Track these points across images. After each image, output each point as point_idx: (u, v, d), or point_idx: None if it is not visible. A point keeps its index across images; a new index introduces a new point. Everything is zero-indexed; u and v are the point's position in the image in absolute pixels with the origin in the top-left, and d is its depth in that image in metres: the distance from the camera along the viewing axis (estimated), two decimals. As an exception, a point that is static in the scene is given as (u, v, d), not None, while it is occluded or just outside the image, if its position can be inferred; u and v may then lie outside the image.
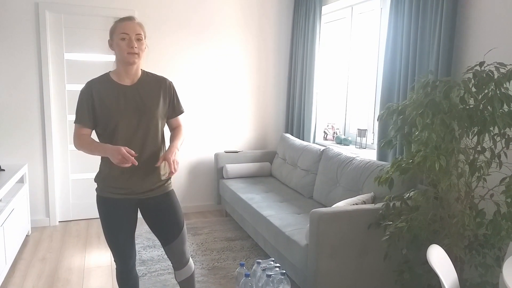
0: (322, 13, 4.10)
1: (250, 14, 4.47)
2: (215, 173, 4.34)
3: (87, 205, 4.20)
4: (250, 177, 4.23)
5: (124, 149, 1.79)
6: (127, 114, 1.91)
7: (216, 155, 4.29)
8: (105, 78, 1.97)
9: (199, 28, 4.29)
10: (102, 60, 4.08)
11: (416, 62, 2.80)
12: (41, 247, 3.50)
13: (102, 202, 1.99)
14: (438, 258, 1.69)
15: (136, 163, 1.80)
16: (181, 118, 2.16)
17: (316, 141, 4.29)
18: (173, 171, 1.90)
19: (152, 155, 1.99)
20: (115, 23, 1.94)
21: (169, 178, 2.09)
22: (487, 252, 2.22)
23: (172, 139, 2.06)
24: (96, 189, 2.02)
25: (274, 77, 4.68)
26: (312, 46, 4.14)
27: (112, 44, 1.94)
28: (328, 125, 4.33)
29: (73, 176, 4.13)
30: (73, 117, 4.09)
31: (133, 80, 1.98)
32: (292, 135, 4.51)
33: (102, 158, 2.01)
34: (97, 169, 1.82)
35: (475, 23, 2.50)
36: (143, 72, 2.03)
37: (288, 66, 4.70)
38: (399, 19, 2.97)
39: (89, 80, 1.97)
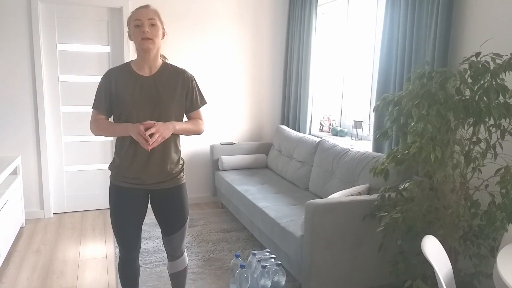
0: (318, 4, 4.06)
1: (245, 5, 4.42)
2: (210, 165, 4.33)
3: (82, 197, 4.18)
4: (245, 169, 4.22)
5: (142, 127, 1.79)
6: (141, 104, 1.91)
7: (212, 147, 4.28)
8: (124, 67, 1.98)
9: (194, 20, 4.25)
10: (95, 50, 4.03)
11: (412, 53, 2.79)
12: (35, 239, 3.49)
13: (114, 190, 2.01)
14: (433, 249, 1.69)
15: (148, 149, 1.81)
16: (202, 112, 2.12)
17: (312, 132, 4.29)
18: (148, 144, 1.80)
19: (165, 147, 1.98)
20: (131, 13, 1.93)
21: (182, 171, 2.09)
22: (482, 243, 2.23)
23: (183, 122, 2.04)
24: (110, 177, 2.03)
25: (270, 68, 4.65)
26: (308, 37, 4.12)
27: (130, 35, 1.94)
28: (324, 117, 4.32)
29: (67, 168, 4.10)
30: (66, 108, 4.11)
31: (152, 70, 1.97)
32: (288, 126, 4.50)
33: (116, 147, 2.01)
34: (91, 161, 1.82)
35: (471, 13, 2.49)
36: (164, 63, 2.02)
37: (284, 57, 4.67)
38: (395, 9, 2.95)
39: (110, 68, 2.03)
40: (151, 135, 1.82)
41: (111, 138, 4.18)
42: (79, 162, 4.13)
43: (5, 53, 3.69)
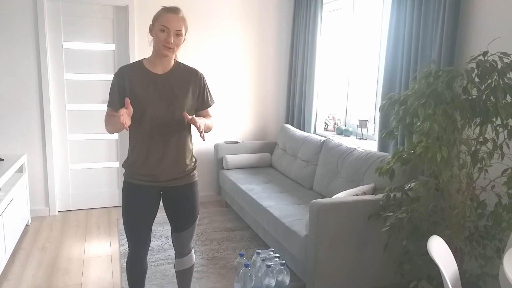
0: (323, 2, 4.05)
1: (251, 4, 4.41)
2: (215, 163, 4.33)
3: (87, 195, 4.20)
4: (250, 168, 4.22)
5: (122, 111, 1.75)
6: (155, 102, 1.92)
7: (216, 146, 4.27)
8: (137, 65, 1.98)
9: (199, 19, 4.25)
10: (100, 49, 4.04)
11: (418, 52, 2.77)
12: (40, 237, 3.50)
13: (127, 187, 2.02)
14: (439, 249, 1.68)
15: (127, 127, 1.76)
16: (211, 111, 2.16)
17: (316, 132, 4.27)
18: (200, 131, 1.86)
19: (178, 144, 1.99)
20: (160, 11, 1.91)
21: (194, 168, 2.10)
22: (488, 244, 2.21)
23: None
24: (124, 174, 2.05)
25: (274, 67, 4.64)
26: (314, 36, 4.10)
27: (152, 30, 1.94)
28: (329, 116, 4.31)
29: (73, 166, 4.12)
30: (72, 106, 4.12)
31: (165, 69, 1.98)
32: (292, 125, 4.49)
33: (129, 145, 2.02)
34: (97, 160, 1.83)
35: (478, 12, 2.46)
36: (176, 62, 2.04)
37: (289, 56, 4.66)
38: (401, 7, 2.93)
39: (122, 65, 2.00)
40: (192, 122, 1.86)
41: (116, 136, 4.19)
42: (84, 160, 4.14)
43: (11, 51, 3.71)
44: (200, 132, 1.86)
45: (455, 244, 2.14)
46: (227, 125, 4.54)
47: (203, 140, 1.86)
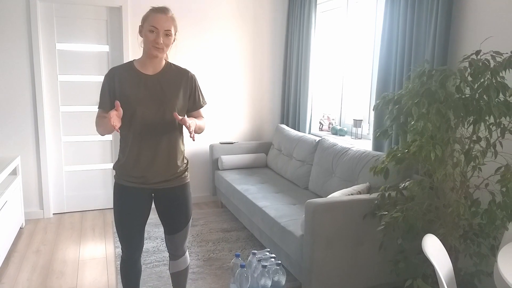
0: (317, 2, 4.06)
1: (245, 4, 4.41)
2: (210, 164, 4.33)
3: (82, 197, 4.18)
4: (245, 168, 4.22)
5: (112, 113, 1.74)
6: (145, 102, 1.91)
7: (211, 146, 4.27)
8: (128, 66, 1.97)
9: (194, 19, 4.24)
10: (94, 50, 4.03)
11: (412, 51, 2.78)
12: (35, 240, 3.48)
13: (118, 189, 2.01)
14: (433, 248, 1.69)
15: (117, 129, 1.74)
16: (203, 112, 2.15)
17: (311, 131, 4.28)
18: (190, 131, 1.84)
19: (169, 145, 1.98)
20: (149, 12, 1.91)
21: (186, 170, 2.09)
22: (482, 242, 2.23)
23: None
24: (114, 176, 2.03)
25: (269, 67, 4.64)
26: (308, 36, 4.11)
27: (141, 31, 1.93)
28: (323, 116, 4.31)
29: (67, 168, 4.10)
30: (65, 108, 4.10)
31: (155, 69, 1.97)
32: (287, 126, 4.50)
33: (120, 146, 2.01)
34: (91, 161, 1.81)
35: (471, 11, 2.48)
36: (167, 63, 2.02)
37: (283, 56, 4.66)
38: (395, 7, 2.94)
39: (112, 67, 1.99)
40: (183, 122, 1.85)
41: (110, 137, 4.17)
42: (78, 162, 4.12)
43: (4, 53, 3.68)
44: (190, 133, 1.85)
45: (449, 243, 2.15)
46: (222, 125, 4.54)
47: (193, 140, 1.85)
